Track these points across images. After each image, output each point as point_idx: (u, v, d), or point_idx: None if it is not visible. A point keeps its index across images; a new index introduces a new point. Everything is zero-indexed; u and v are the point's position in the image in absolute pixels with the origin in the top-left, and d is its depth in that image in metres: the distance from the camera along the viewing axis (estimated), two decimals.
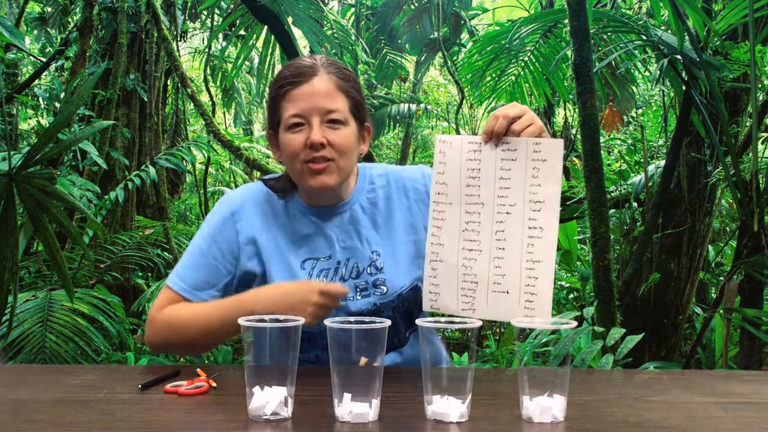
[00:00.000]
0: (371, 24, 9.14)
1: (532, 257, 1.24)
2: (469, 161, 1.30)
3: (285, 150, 1.38)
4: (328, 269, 1.42)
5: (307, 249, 1.43)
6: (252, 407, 1.04)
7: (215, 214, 1.46)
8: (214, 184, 10.33)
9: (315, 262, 1.42)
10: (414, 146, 11.03)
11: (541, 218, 1.24)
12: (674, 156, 3.35)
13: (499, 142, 1.27)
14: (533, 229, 1.24)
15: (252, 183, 1.53)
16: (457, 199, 1.31)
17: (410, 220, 1.48)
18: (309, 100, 1.34)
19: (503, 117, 1.26)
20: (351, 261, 1.43)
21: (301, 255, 1.43)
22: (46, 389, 1.21)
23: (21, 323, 3.16)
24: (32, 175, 2.35)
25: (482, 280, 1.27)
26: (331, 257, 1.43)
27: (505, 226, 1.26)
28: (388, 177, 1.52)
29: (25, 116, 8.37)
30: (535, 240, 1.24)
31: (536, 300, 1.23)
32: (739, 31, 3.42)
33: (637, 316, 3.66)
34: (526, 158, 1.25)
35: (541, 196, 1.24)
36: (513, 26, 3.93)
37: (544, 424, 1.03)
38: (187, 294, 1.42)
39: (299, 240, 1.44)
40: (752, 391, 1.24)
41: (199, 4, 7.01)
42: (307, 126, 1.35)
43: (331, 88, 1.36)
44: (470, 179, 1.30)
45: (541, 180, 1.24)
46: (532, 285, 1.23)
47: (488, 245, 1.28)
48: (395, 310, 1.42)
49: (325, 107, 1.35)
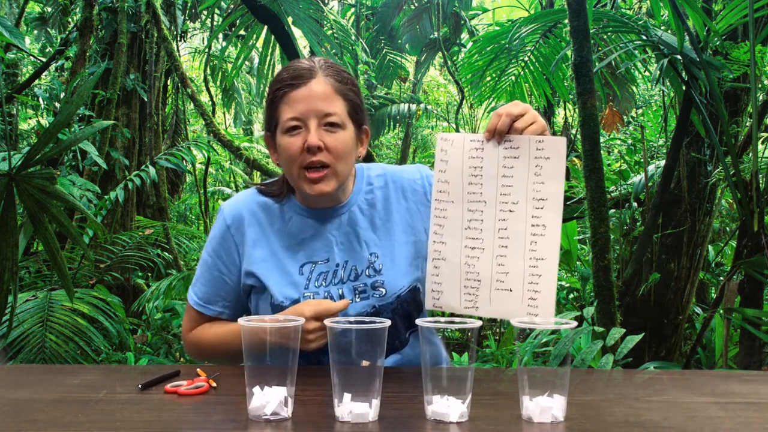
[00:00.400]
0: (371, 24, 9.14)
1: (535, 255, 1.24)
2: (471, 159, 1.30)
3: (282, 153, 1.38)
4: (327, 272, 1.42)
5: (304, 253, 1.43)
6: (252, 407, 1.04)
7: (215, 228, 1.50)
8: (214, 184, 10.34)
9: (313, 266, 1.42)
10: (414, 146, 11.03)
11: (544, 216, 1.24)
12: (674, 156, 3.35)
13: (502, 140, 1.27)
14: (536, 227, 1.24)
15: (247, 190, 1.53)
16: (459, 197, 1.31)
17: (409, 221, 1.47)
18: (306, 103, 1.34)
19: (506, 115, 1.26)
20: (349, 263, 1.42)
21: (299, 259, 1.42)
22: (46, 389, 1.21)
23: (21, 323, 3.16)
24: (32, 175, 2.35)
25: (485, 278, 1.27)
26: (329, 260, 1.43)
27: (507, 224, 1.26)
28: (386, 178, 1.51)
29: (25, 116, 8.37)
30: (539, 238, 1.24)
31: (539, 298, 1.22)
32: (739, 31, 3.42)
33: (637, 316, 3.66)
34: (529, 156, 1.25)
35: (544, 193, 1.24)
36: (513, 26, 3.93)
37: (544, 424, 1.03)
38: (201, 308, 1.49)
39: (297, 244, 1.44)
40: (752, 391, 1.24)
41: (199, 4, 7.01)
42: (304, 129, 1.35)
43: (329, 90, 1.36)
44: (472, 177, 1.30)
45: (544, 178, 1.24)
46: (536, 283, 1.23)
47: (491, 243, 1.28)
48: (394, 312, 1.41)
49: (323, 110, 1.34)
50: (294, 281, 1.40)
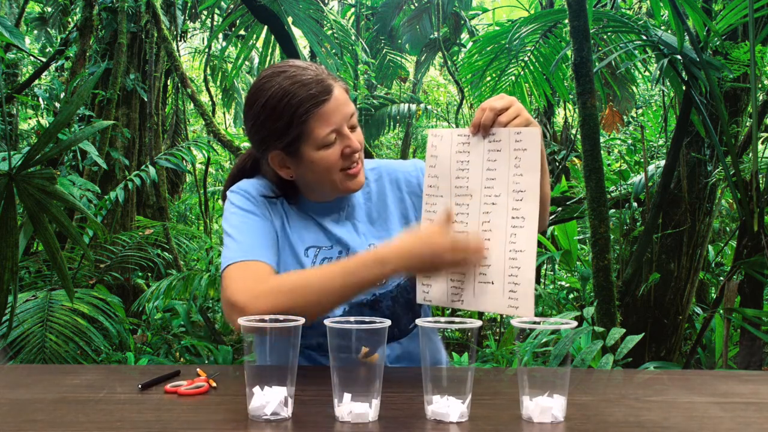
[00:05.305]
0: (371, 24, 9.14)
1: (514, 247, 1.23)
2: (458, 153, 1.31)
3: (318, 166, 1.35)
4: (330, 258, 1.43)
5: (310, 238, 1.44)
6: (252, 407, 1.04)
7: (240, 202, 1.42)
8: (214, 184, 10.33)
9: (318, 250, 1.43)
10: (414, 146, 11.02)
11: (523, 208, 1.23)
12: (674, 156, 3.35)
13: (487, 134, 1.28)
14: (516, 218, 1.24)
15: (251, 179, 1.49)
16: (447, 191, 1.32)
17: (403, 212, 1.50)
18: (338, 113, 1.33)
19: (490, 109, 1.26)
20: (350, 252, 1.43)
21: (305, 242, 1.43)
22: (46, 389, 1.21)
23: (21, 323, 3.15)
24: (32, 175, 2.35)
25: (469, 271, 1.27)
26: (333, 247, 1.44)
27: (491, 217, 1.27)
28: (380, 171, 1.53)
29: (25, 116, 8.37)
30: (518, 230, 1.23)
31: (519, 290, 1.21)
32: (739, 31, 3.42)
33: (637, 316, 3.66)
34: (509, 148, 1.25)
35: (523, 185, 1.24)
36: (513, 26, 3.93)
37: (544, 424, 1.03)
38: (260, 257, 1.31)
39: (302, 228, 1.45)
40: (752, 391, 1.24)
41: (199, 4, 7.01)
42: (337, 137, 1.34)
43: (345, 93, 1.36)
44: (459, 171, 1.30)
45: (522, 170, 1.24)
46: (515, 275, 1.22)
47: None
48: (394, 299, 1.43)
49: (349, 113, 1.35)
50: (300, 261, 1.41)
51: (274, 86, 1.31)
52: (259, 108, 1.33)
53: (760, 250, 2.65)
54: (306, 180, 1.41)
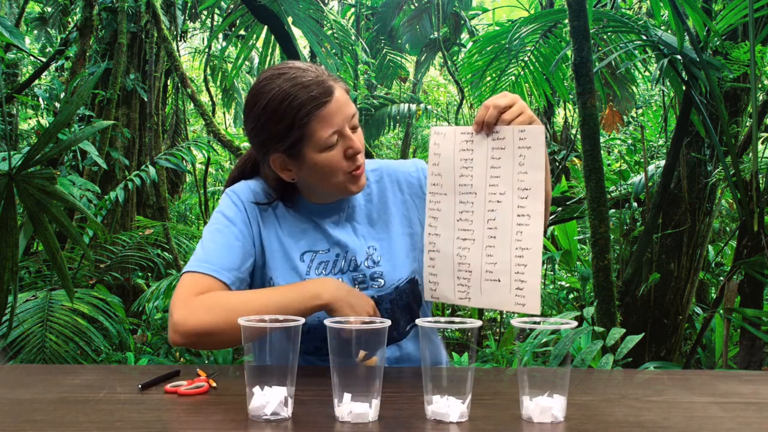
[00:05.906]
0: (371, 24, 9.14)
1: (520, 245, 1.24)
2: (462, 151, 1.31)
3: (321, 168, 1.34)
4: (327, 261, 1.42)
5: (306, 242, 1.43)
6: (252, 407, 1.04)
7: (224, 207, 1.43)
8: (214, 184, 10.33)
9: (314, 255, 1.42)
10: (414, 146, 11.03)
11: (529, 206, 1.24)
12: (674, 156, 3.35)
13: (490, 132, 1.28)
14: (522, 216, 1.24)
15: (249, 181, 1.49)
16: (451, 189, 1.32)
17: (405, 213, 1.49)
18: (339, 114, 1.31)
19: (493, 107, 1.26)
20: (349, 254, 1.43)
21: (300, 247, 1.43)
22: (46, 389, 1.21)
23: (21, 323, 3.15)
24: (32, 175, 2.35)
25: (476, 269, 1.28)
26: (330, 250, 1.43)
27: (496, 215, 1.27)
28: (381, 171, 1.52)
29: (25, 116, 8.38)
30: (524, 228, 1.24)
31: (525, 288, 1.23)
32: (739, 31, 3.42)
33: (637, 316, 3.66)
34: (513, 146, 1.26)
35: (528, 183, 1.24)
36: (513, 26, 3.93)
37: (544, 424, 1.03)
38: (215, 273, 1.32)
39: (298, 233, 1.44)
40: (752, 391, 1.24)
41: (199, 4, 7.01)
42: (339, 138, 1.33)
43: (345, 93, 1.35)
44: (463, 169, 1.30)
45: (527, 167, 1.24)
46: (522, 273, 1.23)
47: (481, 234, 1.28)
48: (393, 302, 1.42)
49: (350, 113, 1.34)
50: (295, 267, 1.41)
51: (275, 88, 1.30)
52: (260, 111, 1.31)
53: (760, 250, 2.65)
54: (308, 182, 1.40)
